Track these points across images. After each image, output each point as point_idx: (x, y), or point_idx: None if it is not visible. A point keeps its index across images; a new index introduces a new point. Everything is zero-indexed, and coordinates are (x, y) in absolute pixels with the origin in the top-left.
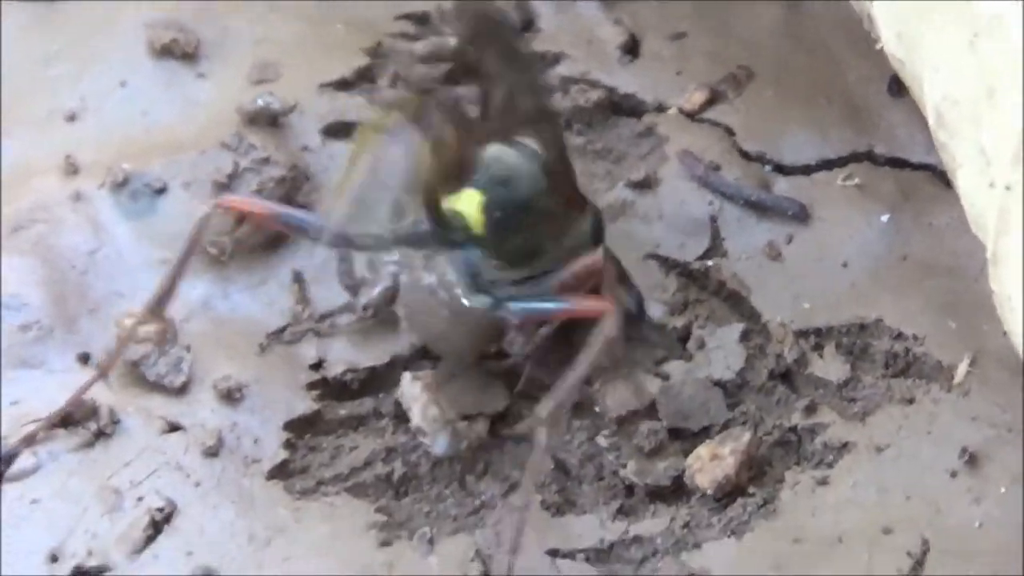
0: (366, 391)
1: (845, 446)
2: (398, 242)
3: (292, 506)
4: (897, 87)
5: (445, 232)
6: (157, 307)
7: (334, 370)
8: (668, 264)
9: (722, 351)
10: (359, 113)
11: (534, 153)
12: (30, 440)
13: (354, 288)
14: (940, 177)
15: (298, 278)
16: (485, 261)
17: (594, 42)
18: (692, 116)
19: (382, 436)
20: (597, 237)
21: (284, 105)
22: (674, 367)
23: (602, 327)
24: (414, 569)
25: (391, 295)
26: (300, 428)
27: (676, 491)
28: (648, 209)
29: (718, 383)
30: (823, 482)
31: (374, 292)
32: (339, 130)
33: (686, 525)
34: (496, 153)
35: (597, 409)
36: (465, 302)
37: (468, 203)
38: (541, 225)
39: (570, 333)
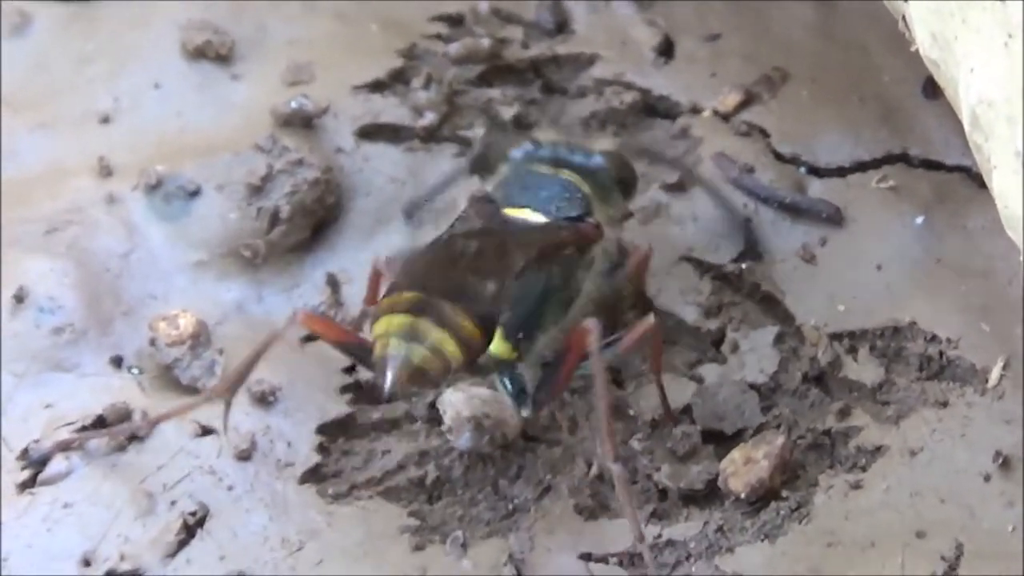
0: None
1: (879, 449)
2: None
3: (325, 510)
4: (932, 89)
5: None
6: (225, 390)
7: (367, 373)
8: (702, 267)
9: (756, 354)
10: (393, 115)
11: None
12: (65, 446)
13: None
14: (975, 179)
15: (332, 281)
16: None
17: (628, 43)
18: (726, 118)
19: (415, 440)
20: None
21: (318, 107)
22: (708, 370)
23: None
24: (447, 573)
25: None
26: (333, 431)
27: (709, 495)
28: (682, 212)
29: (752, 386)
30: (856, 486)
31: None
32: (373, 132)
33: (719, 529)
34: None
35: (631, 412)
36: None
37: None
38: (557, 298)
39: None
